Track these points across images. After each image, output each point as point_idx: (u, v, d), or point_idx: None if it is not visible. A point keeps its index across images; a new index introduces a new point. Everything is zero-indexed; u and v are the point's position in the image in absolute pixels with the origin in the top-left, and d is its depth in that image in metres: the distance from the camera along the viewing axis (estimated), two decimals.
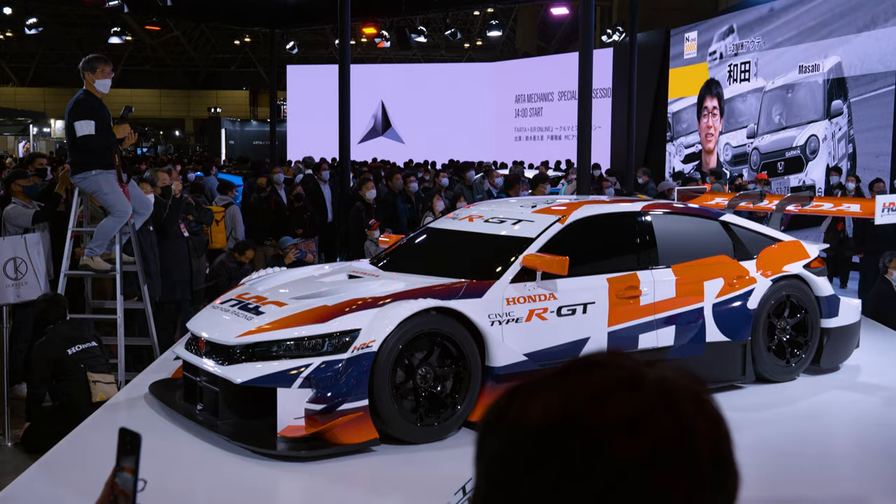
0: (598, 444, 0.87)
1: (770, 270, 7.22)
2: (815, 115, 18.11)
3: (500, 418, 0.93)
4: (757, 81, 20.03)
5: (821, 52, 17.92)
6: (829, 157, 17.62)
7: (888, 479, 5.62)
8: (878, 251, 10.06)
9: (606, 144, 26.14)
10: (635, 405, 0.90)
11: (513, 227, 6.74)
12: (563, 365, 0.97)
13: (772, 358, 7.14)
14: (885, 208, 7.70)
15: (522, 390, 0.95)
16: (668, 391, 0.92)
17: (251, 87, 54.24)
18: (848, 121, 17.16)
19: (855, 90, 16.96)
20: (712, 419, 0.94)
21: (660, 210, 7.22)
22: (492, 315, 6.00)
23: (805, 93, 18.42)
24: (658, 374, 0.94)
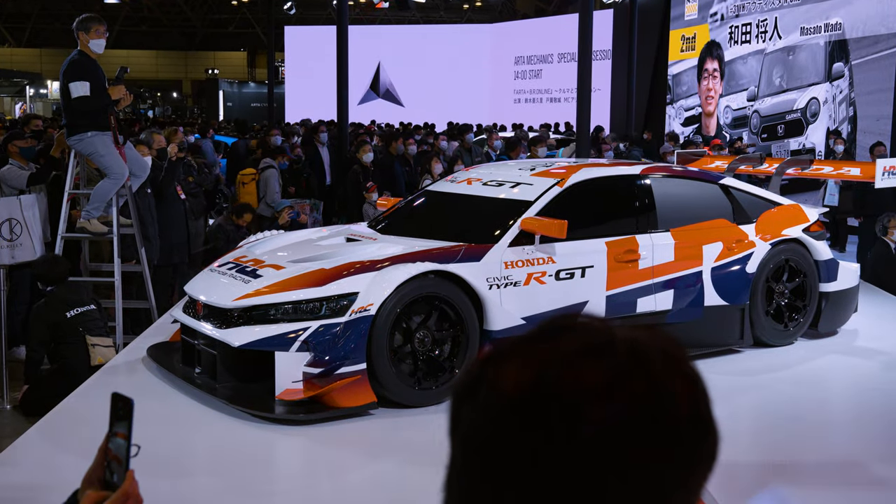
0: (574, 411, 0.86)
1: (769, 234, 7.20)
2: (816, 78, 18.00)
3: (473, 388, 0.92)
4: (758, 43, 19.90)
5: (823, 14, 17.78)
6: (830, 120, 17.54)
7: (885, 443, 5.64)
8: (876, 215, 10.04)
9: (606, 107, 26.01)
10: (608, 369, 0.88)
11: (511, 191, 6.71)
12: (532, 330, 0.95)
13: (770, 322, 7.14)
14: (886, 172, 7.67)
15: (493, 358, 0.93)
16: (640, 353, 0.90)
17: (249, 48, 53.83)
18: (849, 83, 17.06)
19: (856, 52, 16.84)
20: (688, 379, 0.92)
21: (659, 173, 7.19)
22: (490, 279, 5.99)
23: (806, 55, 18.30)
24: (629, 335, 0.92)
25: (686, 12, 22.90)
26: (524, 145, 11.94)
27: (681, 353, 0.94)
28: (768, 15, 19.51)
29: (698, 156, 9.73)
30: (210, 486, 4.77)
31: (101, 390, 5.65)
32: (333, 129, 16.43)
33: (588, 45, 12.16)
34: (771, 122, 19.33)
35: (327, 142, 14.50)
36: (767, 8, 19.55)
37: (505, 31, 33.29)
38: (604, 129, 20.55)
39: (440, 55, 32.39)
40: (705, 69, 21.98)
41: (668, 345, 0.93)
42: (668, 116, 23.64)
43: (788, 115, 18.79)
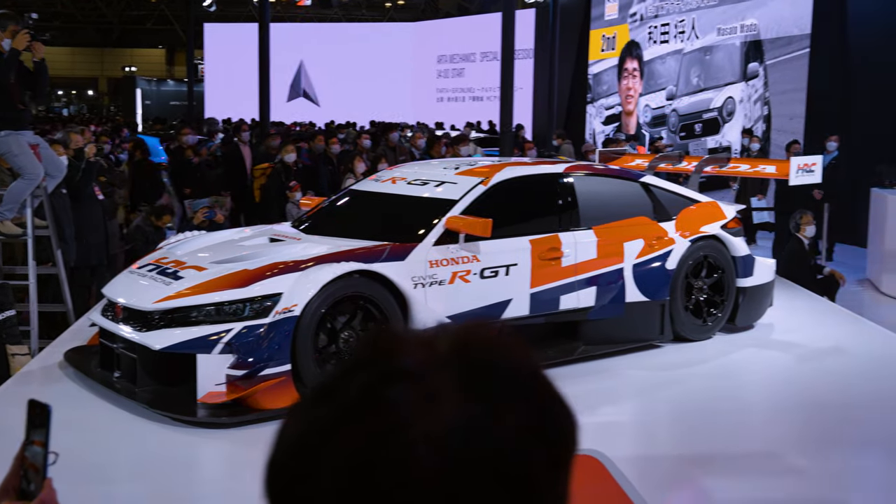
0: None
1: (688, 231, 7.34)
2: (732, 78, 18.39)
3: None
4: (676, 43, 20.25)
5: (739, 15, 18.18)
6: (746, 118, 17.95)
7: (800, 433, 5.79)
8: (790, 211, 10.31)
9: (529, 106, 26.20)
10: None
11: (436, 189, 6.72)
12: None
13: (689, 317, 7.28)
14: (800, 170, 7.88)
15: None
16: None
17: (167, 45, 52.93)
18: (764, 83, 17.47)
19: (771, 53, 17.26)
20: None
21: (581, 172, 7.27)
22: (415, 278, 5.99)
23: (723, 55, 18.69)
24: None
25: (606, 12, 23.20)
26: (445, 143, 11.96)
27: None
28: (686, 16, 19.88)
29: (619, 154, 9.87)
30: (132, 492, 4.68)
31: (16, 397, 5.51)
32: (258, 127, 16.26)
33: (510, 44, 12.24)
34: (689, 121, 19.70)
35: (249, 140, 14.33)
36: (685, 9, 19.92)
37: (427, 30, 33.31)
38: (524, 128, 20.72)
39: (363, 54, 32.27)
40: (625, 68, 22.29)
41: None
42: (589, 115, 23.92)
43: (705, 113, 19.17)
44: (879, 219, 11.42)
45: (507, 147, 12.20)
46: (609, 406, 6.06)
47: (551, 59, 20.87)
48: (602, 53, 23.39)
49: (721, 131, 18.54)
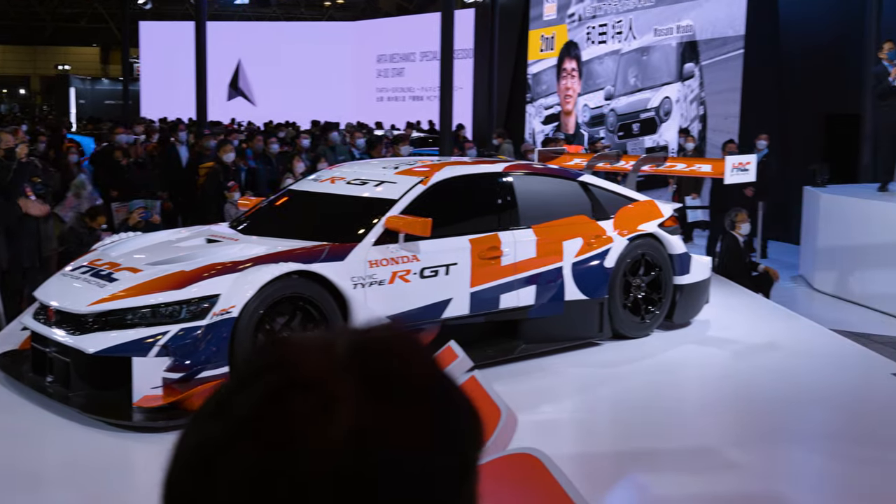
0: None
1: (626, 230, 7.41)
2: (668, 78, 18.62)
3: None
4: (614, 44, 20.45)
5: (675, 16, 18.41)
6: (682, 118, 18.18)
7: (737, 428, 5.89)
8: (724, 209, 10.47)
9: (469, 105, 26.25)
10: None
11: (375, 189, 6.69)
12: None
13: (627, 315, 7.35)
14: (735, 168, 8.00)
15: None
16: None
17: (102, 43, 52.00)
18: (699, 83, 17.72)
19: (706, 53, 17.51)
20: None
21: (520, 171, 7.30)
22: (354, 278, 5.96)
23: (659, 56, 18.91)
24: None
25: (545, 13, 23.34)
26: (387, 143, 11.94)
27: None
28: (623, 17, 20.08)
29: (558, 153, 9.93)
30: (65, 499, 4.59)
31: None
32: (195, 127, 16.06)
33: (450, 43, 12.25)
34: (627, 121, 19.90)
35: (186, 140, 14.15)
36: (622, 9, 20.12)
37: (367, 29, 33.19)
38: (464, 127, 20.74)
39: (302, 53, 32.05)
40: (564, 68, 22.44)
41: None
42: (528, 115, 24.04)
43: (643, 113, 19.38)
44: (812, 217, 11.65)
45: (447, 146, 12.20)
46: (549, 404, 6.09)
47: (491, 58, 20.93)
48: (541, 53, 23.52)
49: (658, 131, 18.76)
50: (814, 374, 6.75)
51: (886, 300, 9.73)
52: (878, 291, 9.93)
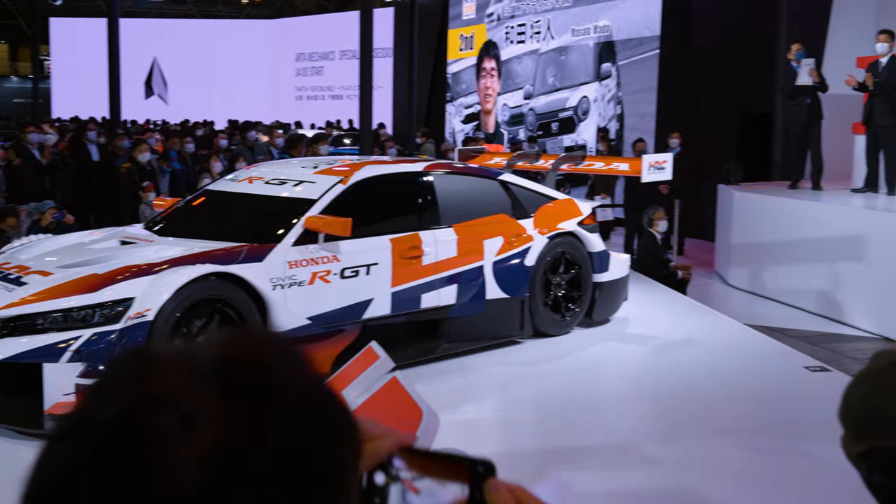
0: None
1: (546, 228, 7.46)
2: (586, 78, 18.82)
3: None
4: (532, 43, 20.60)
5: (592, 16, 18.61)
6: (600, 118, 18.40)
7: (656, 423, 5.97)
8: (640, 208, 10.62)
9: (389, 104, 26.20)
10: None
11: (294, 189, 6.62)
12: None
13: (548, 313, 7.41)
14: (651, 167, 8.11)
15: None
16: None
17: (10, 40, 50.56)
18: (617, 83, 17.95)
19: (623, 53, 17.74)
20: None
21: (441, 170, 7.30)
22: (274, 279, 5.89)
23: (577, 55, 19.10)
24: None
25: (464, 12, 23.40)
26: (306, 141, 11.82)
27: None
28: (541, 16, 20.24)
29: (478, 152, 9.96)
30: None
31: None
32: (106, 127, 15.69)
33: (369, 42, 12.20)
34: (546, 120, 20.06)
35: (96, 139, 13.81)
36: (540, 9, 20.27)
37: (285, 28, 32.90)
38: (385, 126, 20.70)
39: (219, 51, 31.62)
40: (483, 68, 22.53)
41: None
42: (449, 114, 24.08)
43: (561, 112, 19.56)
44: (726, 214, 11.90)
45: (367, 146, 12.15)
46: (471, 403, 6.10)
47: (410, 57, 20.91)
48: (460, 53, 23.58)
49: (577, 130, 18.96)
50: (730, 368, 6.89)
51: (798, 295, 9.98)
52: (790, 287, 10.18)
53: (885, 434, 1.12)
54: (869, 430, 1.14)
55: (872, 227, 9.08)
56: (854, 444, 1.17)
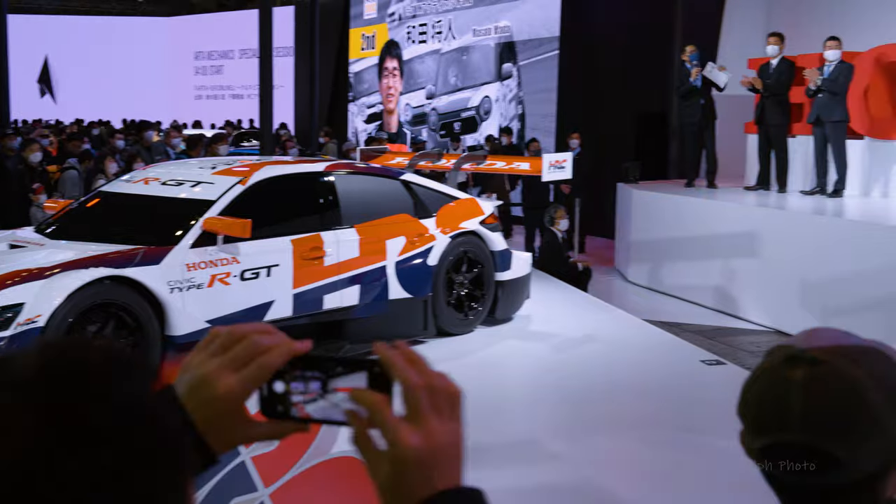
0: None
1: (448, 227, 7.48)
2: (487, 78, 18.95)
3: None
4: (434, 43, 20.65)
5: (492, 17, 18.75)
6: (502, 117, 18.55)
7: (558, 420, 6.03)
8: (541, 206, 10.73)
9: (290, 104, 25.93)
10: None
11: (192, 190, 6.50)
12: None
13: (451, 312, 7.43)
14: (552, 166, 8.21)
15: None
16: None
17: None
18: (517, 83, 18.12)
19: (523, 54, 17.92)
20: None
21: (342, 170, 7.26)
22: (171, 282, 5.76)
23: (479, 55, 19.22)
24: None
25: (365, 11, 23.32)
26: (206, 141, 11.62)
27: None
28: (443, 16, 20.31)
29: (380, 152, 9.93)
30: None
31: None
32: None
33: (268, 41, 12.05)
34: (448, 120, 20.14)
35: None
36: (442, 9, 20.34)
37: (183, 25, 32.28)
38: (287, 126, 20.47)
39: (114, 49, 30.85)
40: (385, 67, 22.50)
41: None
42: (351, 113, 23.98)
43: (464, 112, 19.66)
44: (625, 212, 12.11)
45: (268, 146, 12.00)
46: None
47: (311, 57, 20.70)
48: (362, 52, 23.50)
49: (479, 129, 19.07)
50: (629, 363, 7.01)
51: (695, 291, 10.22)
52: (687, 283, 10.42)
53: (783, 429, 1.14)
54: (768, 425, 1.16)
55: (764, 224, 9.36)
56: (753, 439, 1.19)
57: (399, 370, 0.90)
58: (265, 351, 0.93)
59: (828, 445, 1.12)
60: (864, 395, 1.13)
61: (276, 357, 0.93)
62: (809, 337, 1.21)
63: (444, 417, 0.90)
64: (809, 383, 1.14)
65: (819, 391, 1.13)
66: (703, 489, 4.81)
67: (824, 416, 1.12)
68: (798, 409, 1.13)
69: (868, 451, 1.12)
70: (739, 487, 3.36)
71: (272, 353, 0.93)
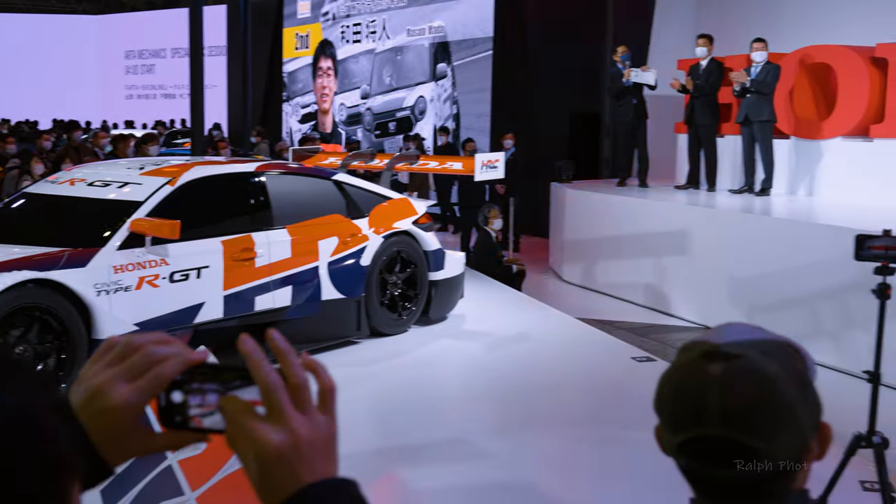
0: None
1: (381, 227, 7.46)
2: (422, 77, 18.95)
3: None
4: (368, 43, 20.58)
5: (426, 17, 18.75)
6: (437, 117, 18.57)
7: (492, 418, 6.06)
8: (475, 206, 10.76)
9: (223, 103, 25.66)
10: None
11: (120, 191, 6.38)
12: None
13: (385, 312, 7.41)
14: (484, 166, 8.23)
15: None
16: None
17: None
18: (452, 83, 18.15)
19: (458, 54, 17.96)
20: None
21: (274, 171, 7.19)
22: (98, 285, 5.66)
23: (413, 55, 19.21)
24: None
25: (299, 11, 23.16)
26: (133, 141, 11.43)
27: None
28: (377, 16, 20.26)
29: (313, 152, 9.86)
30: None
31: None
32: None
33: (199, 40, 11.88)
34: (383, 119, 20.10)
35: None
36: (376, 9, 20.29)
37: (114, 24, 31.73)
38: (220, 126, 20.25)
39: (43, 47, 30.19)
40: (320, 67, 22.37)
41: None
42: (285, 113, 23.80)
43: (399, 112, 19.64)
44: (559, 211, 12.20)
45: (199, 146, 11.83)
46: None
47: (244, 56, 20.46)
48: (296, 52, 23.34)
49: (414, 129, 19.06)
50: (561, 361, 7.07)
51: (627, 289, 10.34)
52: (619, 281, 10.53)
53: (702, 423, 1.15)
54: (686, 419, 1.17)
55: (694, 223, 9.50)
56: (670, 434, 1.20)
57: (255, 370, 0.90)
58: (161, 361, 0.93)
59: (746, 438, 1.13)
60: (779, 388, 1.15)
61: (170, 367, 0.93)
62: (722, 332, 1.23)
63: (310, 412, 0.90)
64: (727, 377, 1.15)
65: (737, 385, 1.15)
66: (634, 484, 4.86)
67: (743, 410, 1.14)
68: (716, 403, 1.14)
69: (783, 442, 1.14)
70: (662, 481, 3.41)
71: (167, 364, 0.93)
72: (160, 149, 11.95)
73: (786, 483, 1.18)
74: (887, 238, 4.03)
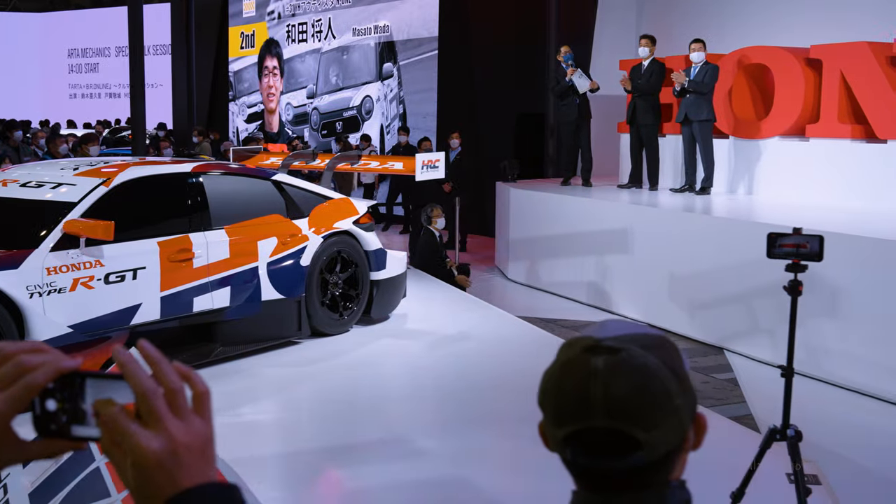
0: None
1: (322, 227, 7.44)
2: (368, 77, 18.92)
3: None
4: (314, 42, 20.50)
5: (372, 17, 18.73)
6: (383, 117, 18.55)
7: (432, 417, 6.07)
8: (421, 205, 10.76)
9: (168, 103, 25.39)
10: None
11: (53, 192, 6.29)
12: None
13: (326, 312, 7.39)
14: (425, 166, 8.24)
15: None
16: None
17: None
18: (398, 83, 18.15)
19: (403, 54, 17.96)
20: None
21: (213, 171, 7.14)
22: (30, 287, 5.58)
23: (359, 55, 19.17)
24: None
25: (244, 9, 22.99)
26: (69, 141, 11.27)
27: None
28: (322, 15, 20.18)
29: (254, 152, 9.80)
30: None
31: None
32: None
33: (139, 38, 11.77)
34: (330, 119, 20.03)
35: None
36: (321, 8, 20.21)
37: (56, 22, 31.23)
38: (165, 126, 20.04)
39: None
40: (265, 66, 22.23)
41: None
42: (232, 113, 23.62)
43: (345, 111, 19.58)
44: (504, 210, 12.25)
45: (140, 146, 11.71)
46: (248, 406, 6.01)
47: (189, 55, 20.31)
48: (241, 51, 23.16)
49: (361, 129, 19.02)
50: (503, 360, 7.10)
51: (571, 287, 10.41)
52: (563, 279, 10.61)
53: (587, 415, 1.17)
54: (571, 412, 1.19)
55: (636, 221, 9.59)
56: (555, 429, 1.21)
57: (130, 376, 0.90)
58: (31, 369, 0.92)
59: (630, 429, 1.16)
60: (659, 380, 1.17)
61: (41, 375, 0.92)
62: (603, 328, 1.25)
63: (186, 417, 0.91)
64: (609, 370, 1.18)
65: (619, 377, 1.17)
66: (567, 480, 4.89)
67: (625, 400, 1.16)
68: (600, 394, 1.17)
69: (663, 433, 1.17)
70: None
71: (38, 372, 0.92)
72: (101, 148, 11.78)
73: (665, 473, 1.21)
74: (797, 236, 4.11)
